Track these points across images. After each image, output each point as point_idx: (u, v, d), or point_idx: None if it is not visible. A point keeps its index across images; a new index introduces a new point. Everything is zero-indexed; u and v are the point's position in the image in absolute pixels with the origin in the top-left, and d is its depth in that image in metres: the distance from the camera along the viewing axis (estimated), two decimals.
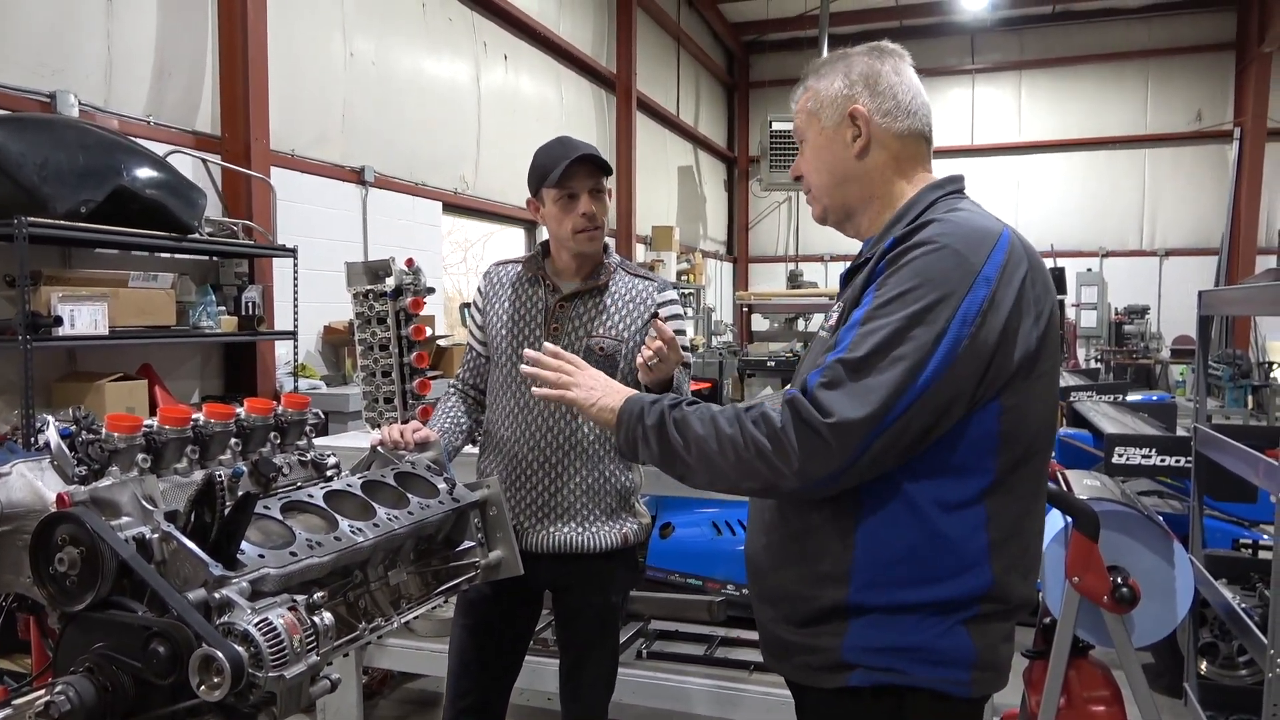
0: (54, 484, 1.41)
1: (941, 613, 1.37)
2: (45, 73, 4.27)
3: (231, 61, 5.19)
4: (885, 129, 1.49)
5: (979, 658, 1.38)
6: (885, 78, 1.49)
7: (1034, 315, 1.35)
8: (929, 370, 1.28)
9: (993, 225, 1.39)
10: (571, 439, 2.23)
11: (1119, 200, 14.42)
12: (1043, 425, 1.41)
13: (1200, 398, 3.30)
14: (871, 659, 1.39)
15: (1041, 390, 1.39)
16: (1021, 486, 1.39)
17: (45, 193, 3.64)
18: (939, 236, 1.35)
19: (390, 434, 2.03)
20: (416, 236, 7.15)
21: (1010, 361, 1.33)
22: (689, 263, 12.78)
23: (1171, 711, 3.44)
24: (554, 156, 2.14)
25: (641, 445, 1.48)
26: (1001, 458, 1.36)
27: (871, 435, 1.28)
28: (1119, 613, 2.29)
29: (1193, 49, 13.89)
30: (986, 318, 1.30)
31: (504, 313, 2.28)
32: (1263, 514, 3.72)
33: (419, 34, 7.30)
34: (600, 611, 2.33)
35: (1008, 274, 1.33)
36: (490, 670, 2.32)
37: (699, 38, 14.15)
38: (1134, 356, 12.85)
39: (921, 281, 1.31)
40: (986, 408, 1.34)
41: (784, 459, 1.32)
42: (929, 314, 1.29)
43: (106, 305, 3.96)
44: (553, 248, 2.29)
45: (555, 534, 2.23)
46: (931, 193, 1.47)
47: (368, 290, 3.35)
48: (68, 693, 1.18)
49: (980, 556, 1.36)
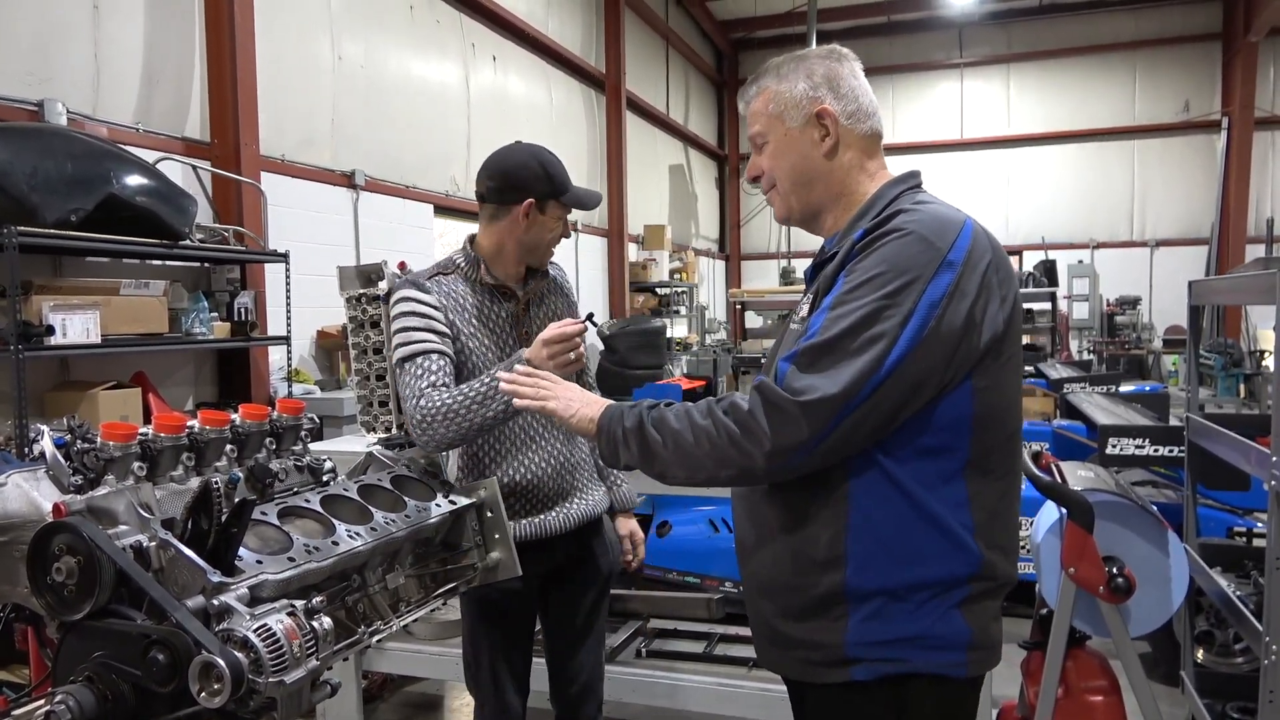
0: (50, 494, 1.40)
1: (936, 596, 1.41)
2: (33, 81, 4.26)
3: (219, 67, 5.18)
4: (851, 129, 1.53)
5: (973, 638, 1.43)
6: (846, 80, 1.54)
7: (999, 298, 1.40)
8: (898, 351, 1.32)
9: (956, 215, 1.44)
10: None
11: (1109, 192, 14.48)
12: (1014, 408, 1.47)
13: (1192, 387, 3.32)
14: (874, 652, 1.42)
15: (1010, 374, 1.44)
16: (999, 467, 1.44)
17: (35, 202, 3.63)
18: (906, 224, 1.39)
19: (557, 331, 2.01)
20: (408, 239, 7.15)
21: (978, 342, 1.37)
22: (681, 261, 12.79)
23: (1169, 700, 3.46)
24: (564, 175, 2.24)
25: (622, 448, 1.52)
26: (976, 439, 1.41)
27: (841, 413, 1.33)
28: (1115, 603, 2.30)
29: (1180, 39, 13.96)
30: (953, 300, 1.34)
31: (476, 330, 2.21)
32: (1256, 502, 3.73)
33: (407, 36, 7.29)
34: (609, 575, 2.46)
35: (973, 259, 1.37)
36: (524, 676, 2.39)
37: (688, 36, 14.16)
38: (1126, 347, 12.90)
39: (889, 267, 1.36)
40: (960, 389, 1.38)
41: (754, 441, 1.36)
42: (897, 297, 1.34)
43: (98, 314, 3.94)
44: (500, 251, 2.23)
45: (576, 508, 2.34)
46: (893, 188, 1.52)
47: (360, 294, 3.34)
48: (68, 702, 1.18)
49: (966, 534, 1.41)
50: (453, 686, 4.05)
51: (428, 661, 3.37)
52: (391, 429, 3.33)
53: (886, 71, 15.03)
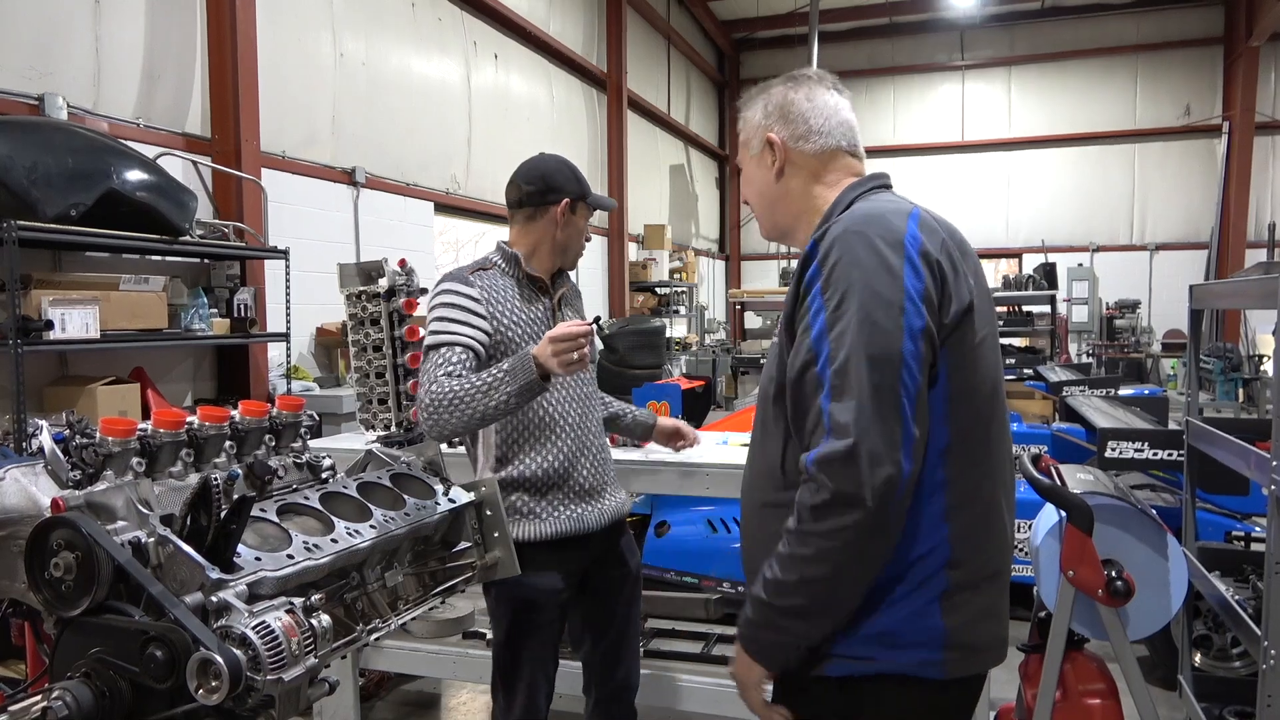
0: (48, 489, 1.40)
1: (911, 590, 1.37)
2: (33, 75, 4.25)
3: (221, 63, 5.18)
4: (800, 150, 1.59)
5: (950, 636, 1.37)
6: (797, 105, 1.60)
7: (958, 272, 1.40)
8: (907, 358, 1.31)
9: (901, 206, 1.45)
10: (595, 409, 2.47)
11: (1109, 195, 14.49)
12: (990, 393, 1.44)
13: (1192, 391, 3.32)
14: (843, 648, 1.39)
15: (983, 357, 1.42)
16: (977, 452, 1.42)
17: (35, 196, 3.62)
18: (845, 232, 1.39)
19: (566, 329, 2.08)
20: (408, 237, 7.14)
21: (946, 315, 1.37)
22: (681, 261, 12.79)
23: (1167, 704, 3.46)
24: (587, 181, 2.46)
25: (773, 634, 1.41)
26: (953, 420, 1.38)
27: (904, 453, 1.29)
28: (1114, 606, 2.30)
29: (1181, 44, 13.96)
30: (918, 283, 1.34)
31: (517, 320, 2.33)
32: (1255, 506, 3.74)
33: (409, 34, 7.28)
34: (637, 574, 2.53)
35: (924, 243, 1.38)
36: (554, 677, 2.41)
37: (689, 36, 14.15)
38: (1125, 351, 12.91)
39: (848, 284, 1.34)
40: (934, 368, 1.37)
41: (849, 505, 1.28)
42: (875, 309, 1.32)
43: (98, 309, 3.94)
44: (535, 251, 2.39)
45: (609, 505, 2.42)
46: (850, 193, 1.54)
47: (360, 291, 3.33)
48: (65, 698, 1.18)
49: (936, 518, 1.37)
50: (449, 685, 4.04)
51: (425, 660, 3.37)
52: (391, 426, 3.33)
53: (888, 73, 15.04)
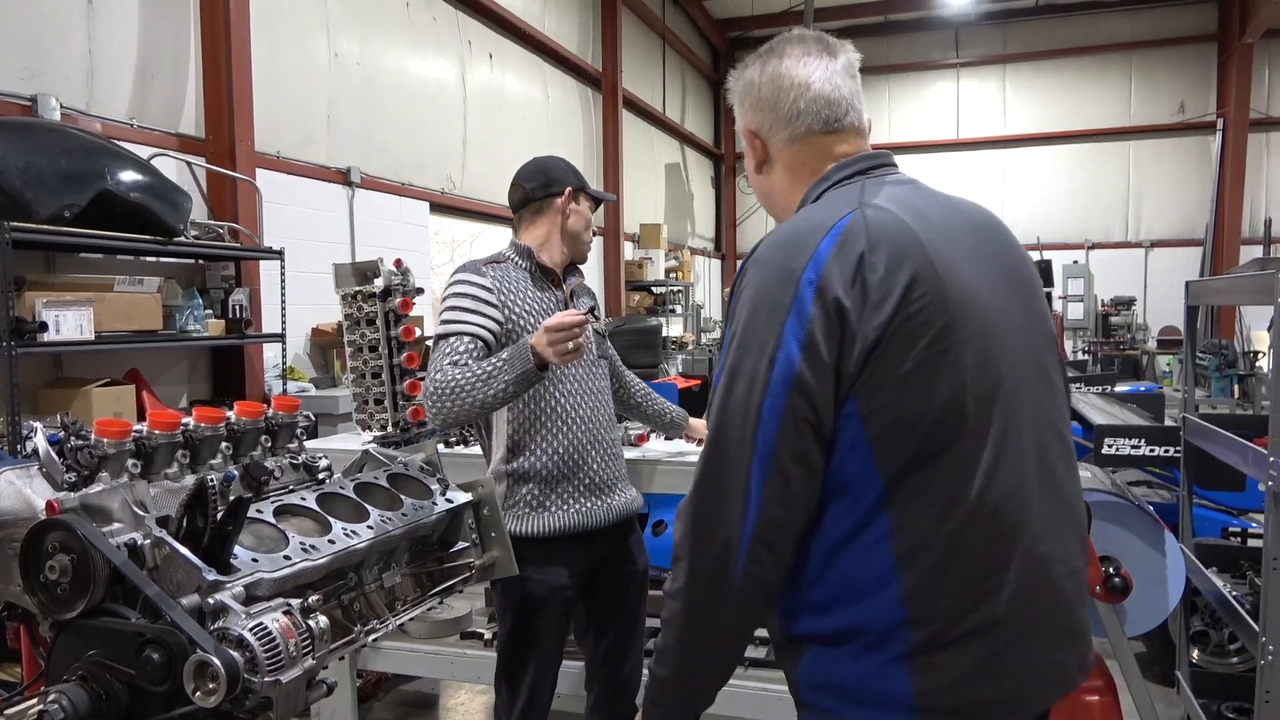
0: (43, 491, 1.39)
1: (872, 646, 1.24)
2: (26, 76, 4.23)
3: (215, 63, 5.16)
4: (773, 143, 1.46)
5: (918, 699, 1.22)
6: (763, 91, 1.44)
7: (871, 304, 1.19)
8: (765, 415, 1.22)
9: (826, 219, 1.26)
10: (608, 404, 2.47)
11: (1104, 192, 14.51)
12: (939, 420, 1.21)
13: (1188, 387, 3.33)
14: (815, 697, 1.31)
15: (919, 383, 1.20)
16: (934, 488, 1.21)
17: (28, 197, 3.61)
18: (754, 260, 1.30)
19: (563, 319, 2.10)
20: (404, 237, 7.13)
21: (848, 357, 1.19)
22: (677, 260, 12.78)
23: (1164, 699, 3.46)
24: (583, 176, 2.51)
25: (659, 696, 1.37)
26: (884, 466, 1.21)
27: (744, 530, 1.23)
28: (1112, 602, 2.30)
29: (1175, 41, 13.99)
30: (798, 329, 1.21)
31: (528, 310, 2.36)
32: (1251, 502, 3.74)
33: (403, 33, 7.27)
34: (645, 573, 2.52)
35: (826, 273, 1.21)
36: (557, 675, 2.41)
37: (684, 35, 14.15)
38: (1121, 347, 12.94)
39: (737, 323, 1.27)
40: (843, 415, 1.22)
41: (682, 570, 1.28)
42: (745, 357, 1.24)
43: (92, 310, 3.93)
44: (546, 242, 2.45)
45: (618, 502, 2.42)
46: (814, 190, 1.41)
47: (356, 292, 3.33)
48: (61, 701, 1.17)
49: (883, 575, 1.23)
50: (447, 685, 4.04)
51: (423, 660, 3.36)
52: (387, 426, 3.32)
53: (883, 71, 15.05)
